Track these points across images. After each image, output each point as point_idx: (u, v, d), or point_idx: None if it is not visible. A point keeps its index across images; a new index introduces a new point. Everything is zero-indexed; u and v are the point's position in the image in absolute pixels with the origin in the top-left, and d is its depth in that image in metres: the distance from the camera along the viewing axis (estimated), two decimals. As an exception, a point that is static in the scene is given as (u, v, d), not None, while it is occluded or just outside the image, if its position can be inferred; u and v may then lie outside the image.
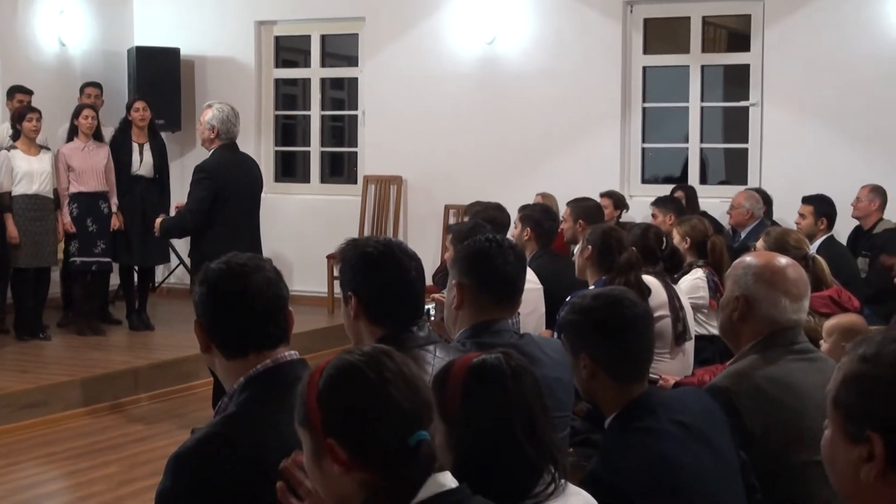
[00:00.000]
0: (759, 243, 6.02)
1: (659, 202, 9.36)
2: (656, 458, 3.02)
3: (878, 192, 9.70)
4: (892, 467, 1.75)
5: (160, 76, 12.62)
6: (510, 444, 2.56)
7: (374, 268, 3.37)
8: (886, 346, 1.81)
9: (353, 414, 2.18)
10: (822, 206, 9.18)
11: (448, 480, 2.24)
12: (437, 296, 5.38)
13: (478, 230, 5.57)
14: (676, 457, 3.05)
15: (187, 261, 12.36)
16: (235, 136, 8.04)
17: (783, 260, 3.81)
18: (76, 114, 10.48)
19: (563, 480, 2.62)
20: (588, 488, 2.72)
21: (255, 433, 2.71)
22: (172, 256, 12.17)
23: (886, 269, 8.51)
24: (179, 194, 11.29)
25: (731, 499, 3.14)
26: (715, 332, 6.62)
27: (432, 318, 5.00)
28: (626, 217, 10.39)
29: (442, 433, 2.56)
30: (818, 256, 6.16)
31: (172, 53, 12.88)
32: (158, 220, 8.40)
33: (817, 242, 8.72)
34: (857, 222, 9.85)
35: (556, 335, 5.41)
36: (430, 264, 9.89)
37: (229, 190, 7.88)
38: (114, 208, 10.50)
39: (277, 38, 13.31)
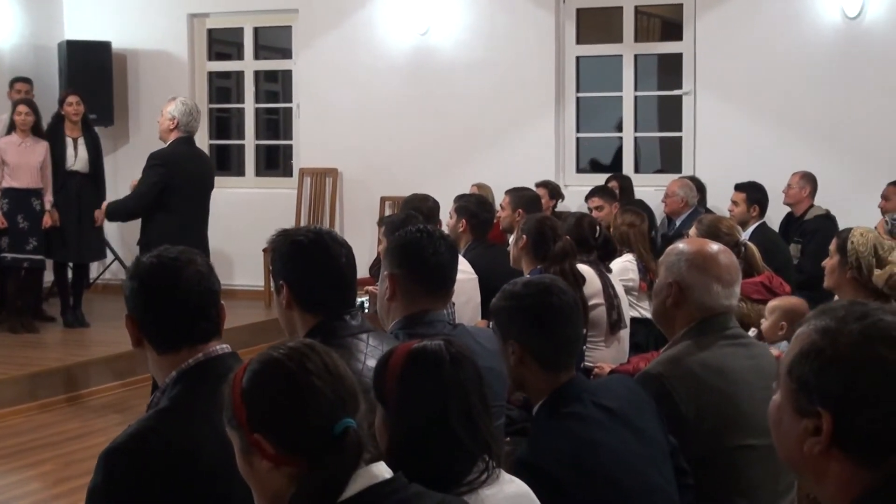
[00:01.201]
0: (692, 231, 6.08)
1: (603, 192, 9.42)
2: (583, 442, 3.06)
3: (809, 179, 9.82)
4: (836, 444, 1.76)
5: (91, 70, 12.47)
6: (444, 430, 2.57)
7: (305, 256, 3.38)
8: (848, 323, 1.78)
9: (276, 406, 2.19)
10: (754, 194, 9.29)
11: (382, 471, 2.25)
12: (370, 288, 5.39)
13: (409, 221, 5.57)
14: (603, 440, 3.09)
15: (123, 257, 12.28)
16: (194, 131, 8.21)
17: (715, 246, 3.85)
18: (13, 109, 10.35)
19: (497, 469, 2.63)
20: (517, 474, 2.74)
21: (188, 427, 2.71)
22: (108, 252, 12.05)
23: (819, 256, 8.62)
24: (113, 189, 11.21)
25: (658, 481, 3.18)
26: (647, 314, 6.72)
27: (366, 311, 5.00)
28: (561, 206, 10.44)
29: (381, 416, 2.61)
30: (750, 243, 6.23)
31: (104, 47, 12.75)
32: (104, 205, 8.42)
33: (750, 229, 8.82)
34: (788, 209, 9.97)
35: (491, 325, 5.43)
36: (366, 256, 9.88)
37: (181, 181, 8.00)
38: (48, 206, 10.36)
39: (210, 31, 13.23)
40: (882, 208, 9.23)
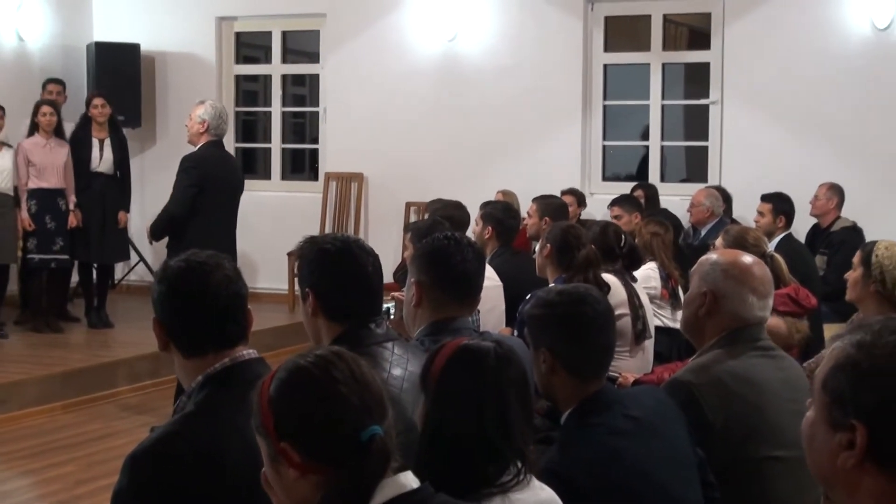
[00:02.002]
0: (719, 241, 6.05)
1: (622, 202, 9.40)
2: (610, 452, 3.06)
3: (836, 191, 9.78)
4: (870, 457, 1.76)
5: (120, 72, 12.52)
6: (475, 429, 2.58)
7: (332, 264, 3.37)
8: (883, 336, 1.79)
9: (302, 415, 2.18)
10: (780, 204, 9.25)
11: (409, 481, 2.24)
12: (396, 294, 5.38)
13: (436, 228, 5.57)
14: (631, 451, 3.08)
15: (148, 258, 12.32)
16: (224, 133, 8.25)
17: (749, 258, 3.85)
18: (35, 110, 10.39)
19: (529, 476, 2.63)
20: (543, 482, 2.73)
21: (214, 432, 2.70)
22: (132, 253, 12.08)
23: (845, 268, 8.58)
24: (139, 191, 11.25)
25: (685, 493, 3.17)
26: (669, 323, 6.74)
27: (392, 317, 4.99)
28: (585, 214, 10.43)
29: (422, 404, 2.65)
30: (776, 254, 6.20)
31: (132, 49, 12.79)
32: (147, 227, 8.39)
33: (776, 240, 8.77)
34: (815, 220, 9.92)
35: (515, 333, 5.42)
36: (390, 261, 9.88)
37: (213, 184, 8.03)
38: (71, 206, 10.40)
39: (238, 34, 13.26)
40: None
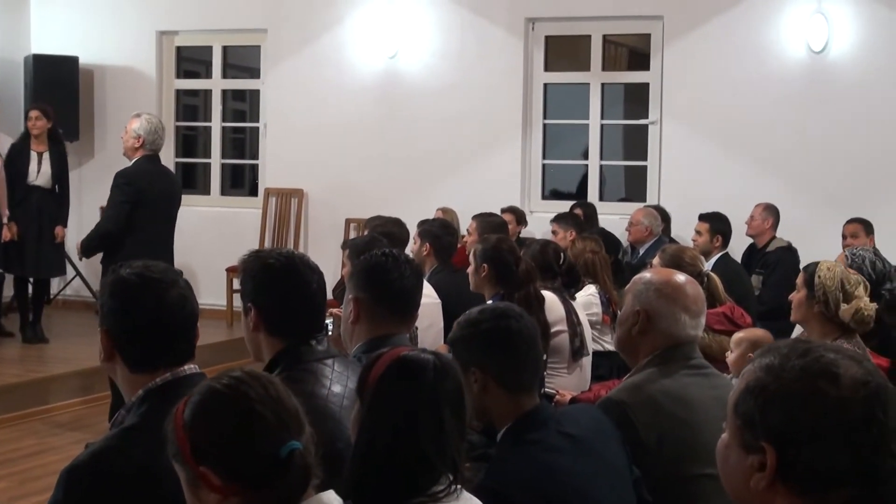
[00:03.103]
0: (656, 260, 6.10)
1: (559, 218, 9.47)
2: (545, 469, 3.07)
3: (772, 211, 9.89)
4: (781, 478, 1.80)
5: (58, 85, 12.39)
6: (409, 438, 2.57)
7: (276, 280, 3.36)
8: (790, 360, 1.83)
9: (220, 437, 2.18)
10: (717, 224, 9.34)
11: (332, 499, 2.24)
12: (334, 310, 5.37)
13: (374, 244, 5.58)
14: (567, 469, 3.10)
15: (84, 273, 12.19)
16: (160, 148, 8.18)
17: (682, 277, 3.88)
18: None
19: (459, 486, 2.63)
20: (479, 499, 2.74)
21: (151, 447, 2.66)
22: (69, 268, 11.95)
23: (780, 287, 8.67)
24: (77, 205, 11.13)
25: (620, 508, 3.19)
26: (610, 347, 6.73)
27: (330, 333, 4.98)
28: (524, 233, 10.46)
29: (356, 411, 2.66)
30: (712, 273, 6.26)
31: (71, 62, 12.68)
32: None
33: (712, 260, 8.85)
34: (751, 240, 10.03)
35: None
36: (330, 278, 9.82)
37: (148, 199, 7.96)
38: (4, 219, 10.26)
39: (179, 49, 13.19)
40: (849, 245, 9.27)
